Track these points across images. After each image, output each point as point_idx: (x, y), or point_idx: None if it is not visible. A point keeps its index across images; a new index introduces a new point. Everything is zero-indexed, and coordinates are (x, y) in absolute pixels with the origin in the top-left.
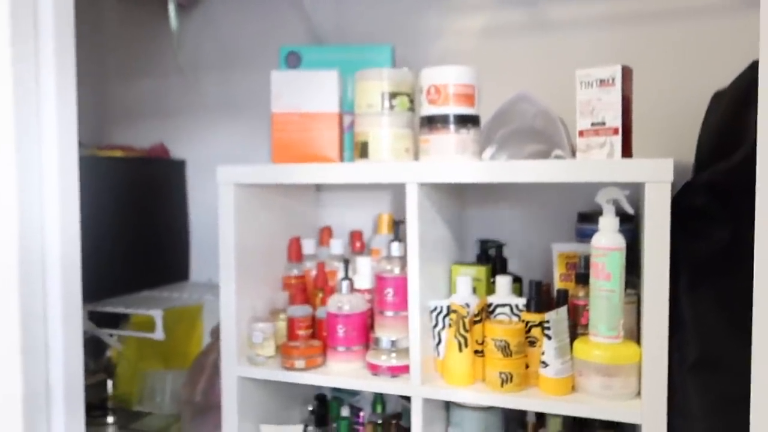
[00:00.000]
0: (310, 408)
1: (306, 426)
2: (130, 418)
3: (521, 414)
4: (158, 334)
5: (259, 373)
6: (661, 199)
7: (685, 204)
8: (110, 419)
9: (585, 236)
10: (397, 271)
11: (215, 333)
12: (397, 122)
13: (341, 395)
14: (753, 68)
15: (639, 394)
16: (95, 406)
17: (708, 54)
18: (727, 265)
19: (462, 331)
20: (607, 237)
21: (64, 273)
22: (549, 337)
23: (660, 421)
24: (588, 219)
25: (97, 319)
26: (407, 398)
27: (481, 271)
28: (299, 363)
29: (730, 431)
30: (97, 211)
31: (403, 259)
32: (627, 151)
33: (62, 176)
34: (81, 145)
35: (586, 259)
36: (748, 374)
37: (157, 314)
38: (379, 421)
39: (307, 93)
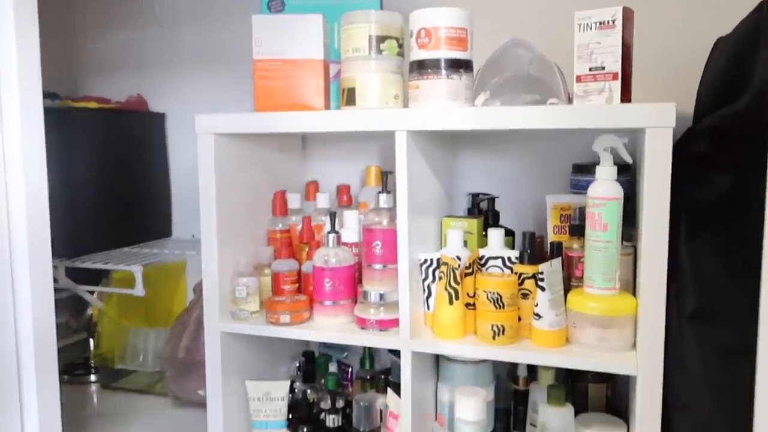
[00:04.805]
0: (297, 364)
1: (293, 382)
2: (114, 376)
3: (512, 368)
4: (138, 290)
5: (242, 329)
6: (663, 145)
7: (686, 150)
8: (93, 377)
9: (580, 188)
10: (385, 223)
11: (198, 289)
12: (385, 67)
13: (329, 352)
14: (759, 10)
15: (634, 346)
16: (78, 365)
17: None
18: (727, 212)
19: (453, 284)
20: (605, 186)
21: (31, 228)
22: (543, 289)
23: (656, 373)
24: (583, 170)
25: (76, 275)
26: (396, 353)
27: (473, 224)
28: (284, 318)
29: (727, 382)
30: (74, 164)
31: (391, 211)
32: (626, 98)
33: (25, 127)
34: (55, 96)
35: (581, 211)
36: (747, 324)
37: (137, 270)
38: (368, 377)
39: (290, 39)
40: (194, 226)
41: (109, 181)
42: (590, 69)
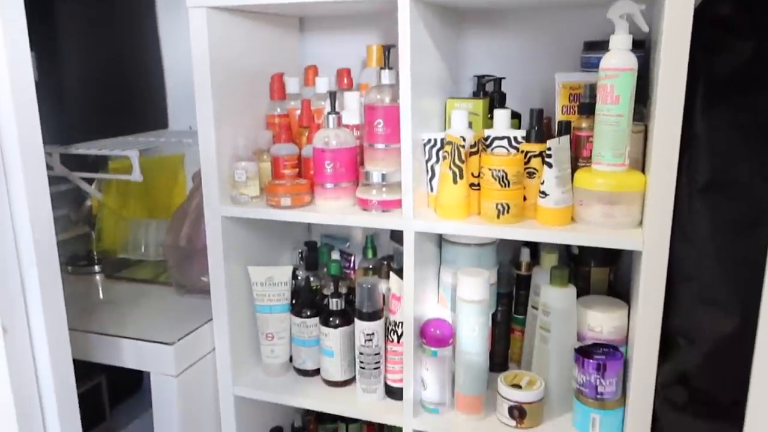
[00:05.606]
0: (299, 253)
1: (295, 269)
2: (118, 266)
3: (515, 254)
4: (136, 176)
5: (243, 212)
6: (683, 6)
7: (707, 14)
8: (96, 268)
9: (591, 66)
10: (387, 100)
11: (197, 177)
12: None
13: (331, 242)
14: None
15: (641, 223)
16: (81, 257)
17: None
18: (748, 81)
19: (457, 162)
20: (618, 56)
21: (19, 112)
22: (550, 165)
23: (662, 248)
24: (595, 47)
25: (71, 164)
26: (399, 239)
27: (478, 105)
28: (285, 201)
29: (737, 254)
30: (58, 49)
31: (394, 88)
32: None
33: (3, 6)
34: None
35: (592, 89)
36: (761, 197)
37: (133, 155)
38: (370, 266)
39: None
40: (191, 117)
41: (99, 67)
42: None
